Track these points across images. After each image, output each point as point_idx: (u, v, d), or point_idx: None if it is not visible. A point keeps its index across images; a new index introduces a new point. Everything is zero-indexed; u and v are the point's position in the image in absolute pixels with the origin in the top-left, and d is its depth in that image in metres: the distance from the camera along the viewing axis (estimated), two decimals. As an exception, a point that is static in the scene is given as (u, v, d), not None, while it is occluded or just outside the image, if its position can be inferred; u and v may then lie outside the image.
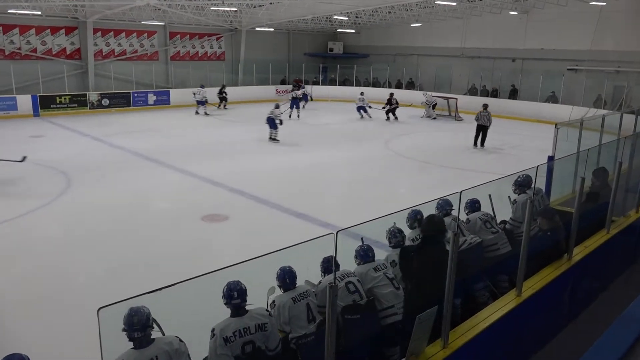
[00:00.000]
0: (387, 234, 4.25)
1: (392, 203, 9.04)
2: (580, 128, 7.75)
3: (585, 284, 5.56)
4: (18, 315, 5.44)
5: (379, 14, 24.39)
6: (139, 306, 2.71)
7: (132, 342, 2.73)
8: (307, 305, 3.48)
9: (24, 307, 5.60)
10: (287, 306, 3.43)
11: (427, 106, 21.19)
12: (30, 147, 13.69)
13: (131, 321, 2.69)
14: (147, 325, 2.74)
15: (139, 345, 2.72)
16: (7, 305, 5.61)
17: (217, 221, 8.39)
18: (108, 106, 21.07)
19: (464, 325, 3.73)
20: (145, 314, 2.73)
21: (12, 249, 7.21)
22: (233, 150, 14.10)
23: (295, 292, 3.52)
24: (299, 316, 3.44)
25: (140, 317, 2.70)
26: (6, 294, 5.86)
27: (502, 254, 4.64)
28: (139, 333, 2.71)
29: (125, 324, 2.69)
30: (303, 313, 3.45)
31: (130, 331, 2.70)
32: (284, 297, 3.50)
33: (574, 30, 20.59)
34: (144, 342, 2.73)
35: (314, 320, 3.47)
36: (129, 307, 2.69)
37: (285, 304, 3.44)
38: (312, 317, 3.48)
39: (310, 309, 3.49)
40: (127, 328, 2.70)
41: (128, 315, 2.69)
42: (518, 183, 5.29)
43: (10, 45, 20.32)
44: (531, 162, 5.19)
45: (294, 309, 3.44)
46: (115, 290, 5.35)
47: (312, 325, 3.45)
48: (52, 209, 8.85)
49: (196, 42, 26.22)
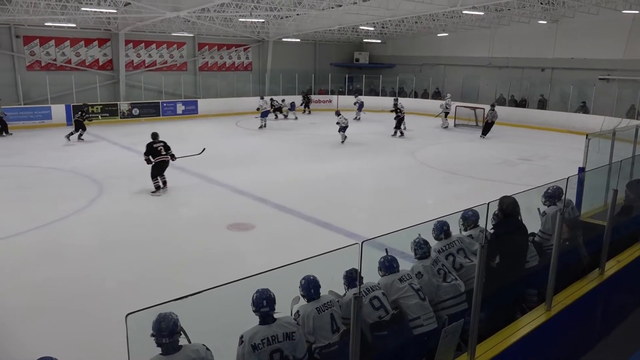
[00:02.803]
0: (412, 245, 4.21)
1: (418, 213, 8.99)
2: (613, 139, 7.55)
3: (618, 300, 5.39)
4: (48, 319, 5.57)
5: (406, 24, 24.36)
6: (167, 312, 2.75)
7: (160, 347, 2.76)
8: (332, 316, 3.47)
9: (54, 311, 5.72)
10: (312, 316, 3.42)
11: (442, 111, 20.89)
12: (63, 155, 14.13)
13: (159, 327, 2.73)
14: (175, 331, 2.77)
15: (166, 351, 2.76)
16: (37, 309, 5.75)
17: (243, 230, 8.45)
18: (138, 116, 21.57)
19: (492, 340, 3.65)
20: (173, 320, 2.76)
21: (44, 254, 7.40)
22: (258, 159, 14.22)
23: (320, 302, 3.51)
24: (323, 326, 3.43)
25: (168, 323, 2.74)
26: (37, 298, 6.01)
27: (531, 267, 4.54)
28: (166, 339, 2.74)
29: (153, 330, 2.74)
30: (327, 323, 3.44)
31: (158, 337, 2.74)
32: (308, 307, 3.49)
33: (606, 39, 20.18)
34: (171, 348, 2.76)
35: (338, 330, 3.46)
36: (157, 313, 2.73)
37: (309, 314, 3.43)
38: (336, 328, 3.46)
39: (334, 319, 3.47)
40: (155, 333, 2.74)
41: (156, 321, 2.73)
42: (548, 195, 5.17)
43: (46, 56, 21.04)
44: (561, 174, 5.08)
45: (319, 319, 3.43)
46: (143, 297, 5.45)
47: (337, 335, 3.43)
48: (84, 216, 9.06)
49: (224, 53, 26.65)
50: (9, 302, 5.90)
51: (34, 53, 20.70)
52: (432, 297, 3.91)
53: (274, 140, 17.57)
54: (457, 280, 4.06)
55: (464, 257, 4.35)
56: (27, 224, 8.44)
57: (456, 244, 4.39)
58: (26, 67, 20.54)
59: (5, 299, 5.97)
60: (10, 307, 5.79)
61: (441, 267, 4.08)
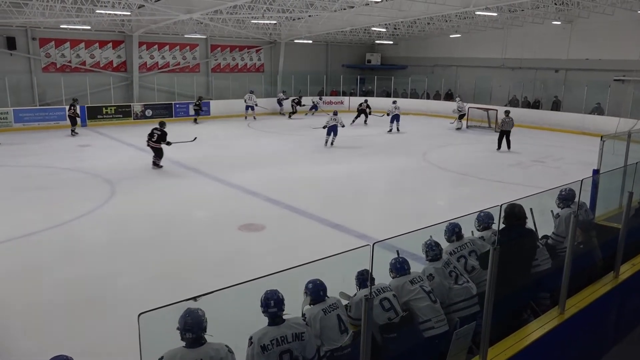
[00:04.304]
0: (423, 247, 4.19)
1: (429, 215, 8.96)
2: (628, 141, 7.45)
3: (633, 304, 5.31)
4: (62, 318, 5.63)
5: (418, 25, 24.28)
6: (195, 309, 2.82)
7: (184, 341, 2.83)
8: (338, 317, 3.44)
9: (68, 310, 5.79)
10: (319, 318, 3.39)
11: (456, 114, 20.82)
12: (77, 156, 14.30)
13: (183, 321, 2.80)
14: (200, 327, 2.83)
15: (189, 345, 2.82)
16: (52, 309, 5.82)
17: (254, 230, 8.48)
18: (151, 117, 21.73)
19: (504, 343, 3.62)
20: (198, 316, 2.82)
21: (57, 254, 7.49)
22: (269, 160, 14.27)
23: (326, 303, 3.48)
24: (331, 327, 3.40)
25: (193, 319, 2.81)
26: (51, 298, 6.08)
27: (544, 270, 4.50)
28: (189, 334, 2.81)
29: (179, 323, 2.81)
30: (335, 324, 3.41)
31: (182, 331, 2.81)
32: (314, 309, 3.47)
33: (621, 39, 19.94)
34: (193, 343, 2.82)
35: (347, 331, 3.43)
36: (186, 309, 2.80)
37: (316, 316, 3.40)
38: (344, 328, 3.44)
39: (341, 320, 3.45)
40: (179, 327, 2.81)
41: (183, 316, 2.81)
42: (562, 197, 5.12)
43: (62, 58, 21.31)
44: (575, 176, 5.04)
45: (326, 320, 3.40)
46: (155, 296, 5.49)
47: (345, 335, 3.41)
48: (97, 216, 9.16)
49: (236, 55, 26.78)
50: (25, 300, 5.98)
51: (50, 55, 20.98)
52: (443, 299, 3.89)
53: (286, 141, 17.60)
54: (469, 282, 4.04)
55: (476, 259, 4.32)
56: (44, 223, 8.55)
57: (468, 246, 4.37)
58: (42, 69, 20.82)
59: (22, 297, 6.05)
60: (26, 305, 5.88)
61: (453, 270, 4.05)
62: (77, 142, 16.56)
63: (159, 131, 12.85)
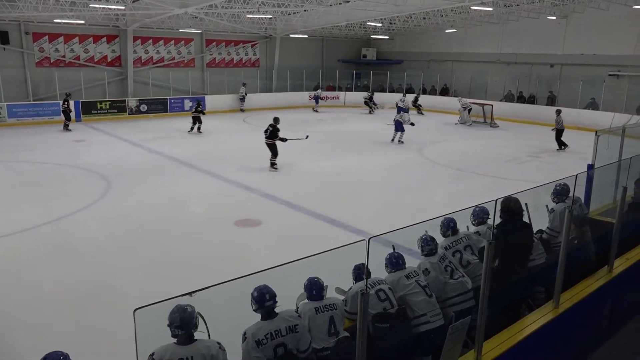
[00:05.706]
0: (419, 242, 4.20)
1: (425, 210, 8.96)
2: (622, 135, 7.48)
3: (627, 298, 5.35)
4: (58, 314, 5.62)
5: (413, 20, 24.26)
6: (184, 305, 2.78)
7: (175, 338, 2.80)
8: (331, 318, 3.41)
9: (64, 306, 5.78)
10: (308, 315, 3.38)
11: (463, 111, 20.94)
12: (72, 152, 14.23)
13: (173, 318, 2.77)
14: (190, 324, 2.79)
15: (180, 341, 2.79)
16: (48, 305, 5.81)
17: (250, 226, 8.48)
18: (146, 112, 21.66)
19: (499, 337, 3.65)
20: (187, 313, 2.78)
21: (53, 250, 7.46)
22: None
23: (321, 303, 3.47)
24: (319, 327, 3.37)
25: (183, 316, 2.77)
26: (47, 294, 6.07)
27: (538, 264, 4.52)
28: (179, 330, 2.77)
29: (168, 320, 2.78)
30: (324, 325, 3.38)
31: (171, 327, 2.78)
32: (307, 305, 3.47)
33: (616, 34, 19.98)
34: (184, 340, 2.79)
35: (336, 334, 3.40)
36: (175, 305, 2.76)
37: (306, 312, 3.40)
38: (334, 331, 3.40)
39: (333, 322, 3.42)
40: (169, 324, 2.78)
41: (172, 312, 2.77)
42: (556, 192, 5.14)
43: (56, 53, 21.16)
44: (570, 171, 5.06)
45: (315, 319, 3.38)
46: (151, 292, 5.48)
47: (333, 338, 3.37)
48: (92, 212, 9.13)
49: (231, 49, 26.67)
50: (20, 296, 5.96)
51: (43, 49, 20.83)
52: (439, 293, 3.91)
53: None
54: (464, 277, 4.06)
55: (471, 253, 4.34)
56: (39, 219, 8.52)
57: (463, 241, 4.39)
58: (35, 64, 20.69)
59: (16, 293, 6.03)
60: (21, 301, 5.86)
61: (448, 264, 4.07)
62: (72, 137, 16.47)
63: (271, 127, 12.26)
